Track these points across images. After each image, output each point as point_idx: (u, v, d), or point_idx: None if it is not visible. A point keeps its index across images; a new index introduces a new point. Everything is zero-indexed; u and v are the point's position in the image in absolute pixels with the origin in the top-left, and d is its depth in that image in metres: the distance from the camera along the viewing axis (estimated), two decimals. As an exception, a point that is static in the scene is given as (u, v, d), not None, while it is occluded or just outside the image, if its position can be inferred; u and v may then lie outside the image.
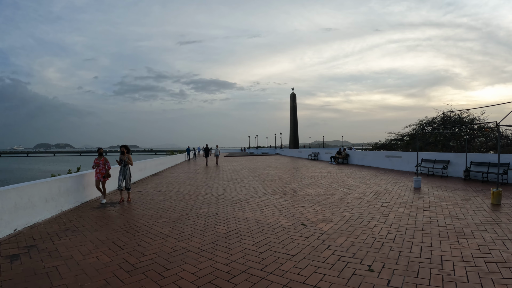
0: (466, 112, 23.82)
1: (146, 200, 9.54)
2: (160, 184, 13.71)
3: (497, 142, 8.63)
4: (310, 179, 13.85)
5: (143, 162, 17.37)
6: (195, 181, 14.50)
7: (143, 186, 13.00)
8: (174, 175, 17.71)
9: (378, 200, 8.76)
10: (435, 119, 26.57)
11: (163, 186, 12.98)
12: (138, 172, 15.87)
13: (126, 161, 9.47)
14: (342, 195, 9.54)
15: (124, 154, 9.51)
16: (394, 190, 10.43)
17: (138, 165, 16.03)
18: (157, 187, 12.71)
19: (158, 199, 9.73)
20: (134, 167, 15.28)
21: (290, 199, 9.09)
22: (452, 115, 25.27)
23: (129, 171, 9.56)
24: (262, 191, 10.67)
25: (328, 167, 21.25)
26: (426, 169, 15.32)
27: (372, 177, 14.45)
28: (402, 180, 13.28)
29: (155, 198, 9.86)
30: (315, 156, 31.79)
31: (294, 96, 59.13)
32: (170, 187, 12.41)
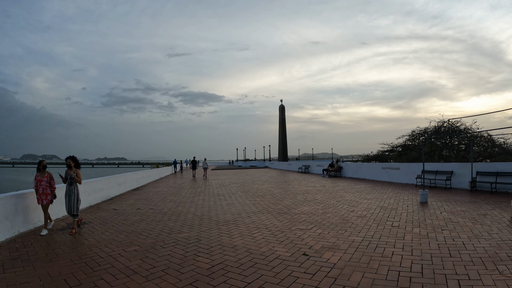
0: (458, 122, 23.55)
1: (119, 221, 8.33)
2: (140, 200, 12.46)
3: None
4: (304, 194, 12.77)
5: (123, 176, 16.09)
6: (178, 197, 13.25)
7: (120, 203, 11.75)
8: (156, 190, 16.42)
9: (386, 218, 7.73)
10: (428, 129, 26.14)
11: (142, 203, 11.73)
12: (117, 187, 14.66)
13: (72, 178, 7.39)
14: (343, 213, 8.47)
15: (71, 169, 7.46)
16: (400, 206, 9.45)
17: (117, 179, 14.85)
18: (136, 204, 11.48)
19: (133, 219, 8.52)
20: (113, 182, 14.02)
21: (285, 219, 7.96)
22: (445, 124, 24.91)
23: (76, 191, 7.41)
24: (252, 209, 9.52)
25: (321, 180, 20.25)
26: (428, 181, 14.47)
27: (371, 191, 13.49)
28: (404, 193, 12.35)
29: (129, 218, 8.65)
30: (306, 169, 30.83)
31: (282, 108, 58.49)
32: (149, 204, 11.17)
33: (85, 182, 11.06)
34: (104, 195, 12.75)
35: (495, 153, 20.78)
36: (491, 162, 16.00)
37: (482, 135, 20.13)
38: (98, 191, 12.15)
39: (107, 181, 13.32)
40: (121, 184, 15.37)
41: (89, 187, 11.30)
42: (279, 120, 58.28)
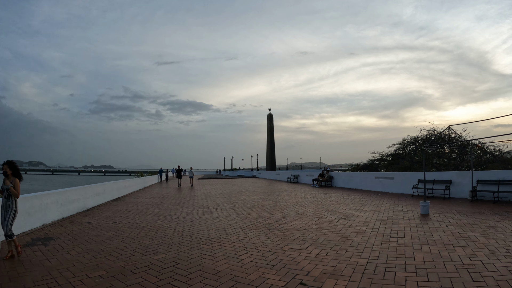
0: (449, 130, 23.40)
1: (90, 237, 7.42)
2: (118, 212, 11.50)
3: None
4: (295, 206, 11.97)
5: (102, 185, 15.02)
6: (159, 209, 12.27)
7: (96, 215, 10.82)
8: (138, 201, 15.38)
9: (389, 234, 6.99)
10: (418, 138, 25.93)
11: (120, 215, 10.77)
12: (95, 197, 13.64)
13: (9, 190, 5.79)
14: (341, 229, 7.69)
15: (8, 177, 5.87)
16: (401, 219, 8.76)
17: (94, 189, 13.77)
18: (112, 216, 10.53)
19: (106, 235, 7.62)
20: (89, 191, 13.00)
21: (276, 236, 7.11)
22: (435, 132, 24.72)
23: (13, 206, 5.79)
24: (239, 224, 8.65)
25: (312, 191, 19.51)
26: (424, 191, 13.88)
27: (365, 202, 12.79)
28: (402, 204, 11.71)
29: (102, 234, 7.75)
30: (295, 178, 30.10)
31: (271, 117, 58.03)
32: (127, 217, 10.24)
33: (58, 192, 10.24)
34: (80, 206, 11.78)
35: (487, 161, 20.55)
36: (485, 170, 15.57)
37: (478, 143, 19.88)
38: (72, 201, 11.21)
39: (83, 191, 12.33)
40: (100, 194, 14.33)
41: (62, 197, 10.38)
42: (267, 129, 57.73)
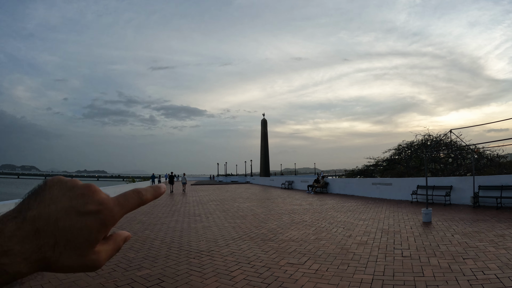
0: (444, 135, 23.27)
1: None
2: None
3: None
4: (290, 215, 11.48)
5: None
6: (149, 217, 11.68)
7: None
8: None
9: (392, 245, 6.54)
10: (414, 143, 25.78)
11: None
12: None
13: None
14: (340, 240, 7.21)
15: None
16: (403, 228, 8.33)
17: None
18: None
19: None
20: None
21: (271, 249, 6.60)
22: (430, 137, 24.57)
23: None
24: (231, 235, 8.13)
25: (307, 197, 19.04)
26: (424, 197, 13.51)
27: (363, 209, 12.36)
28: (402, 212, 11.30)
29: None
30: (290, 184, 29.62)
31: (265, 122, 57.63)
32: (114, 227, 9.61)
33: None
34: None
35: (484, 165, 20.38)
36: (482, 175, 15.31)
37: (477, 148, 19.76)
38: None
39: None
40: None
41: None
42: (261, 134, 57.31)
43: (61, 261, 0.38)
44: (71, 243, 0.38)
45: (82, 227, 0.38)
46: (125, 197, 0.43)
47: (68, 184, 0.41)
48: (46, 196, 0.39)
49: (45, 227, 0.37)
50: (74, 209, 0.39)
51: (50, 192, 0.40)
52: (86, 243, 0.39)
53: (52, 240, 0.37)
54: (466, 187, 12.22)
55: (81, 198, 0.40)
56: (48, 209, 0.38)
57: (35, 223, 0.37)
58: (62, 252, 0.37)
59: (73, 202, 0.39)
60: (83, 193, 0.40)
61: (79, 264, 0.39)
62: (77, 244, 0.38)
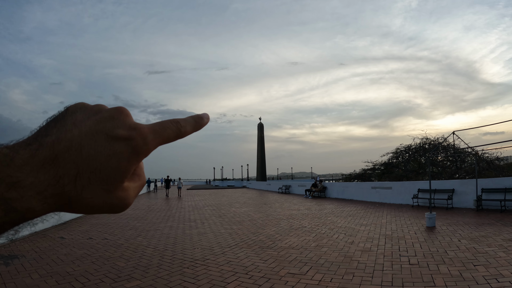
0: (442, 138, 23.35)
1: (60, 256, 6.59)
2: (96, 226, 10.59)
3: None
4: (288, 220, 11.13)
5: None
6: (142, 222, 11.31)
7: (72, 230, 9.92)
8: (120, 213, 14.37)
9: (398, 252, 6.22)
10: (411, 146, 25.64)
11: (98, 229, 9.90)
12: None
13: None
14: (342, 247, 6.87)
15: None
16: (406, 233, 8.03)
17: None
18: (90, 231, 9.65)
19: (78, 254, 6.76)
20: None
21: (270, 257, 6.25)
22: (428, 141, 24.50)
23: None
24: (227, 242, 7.77)
25: (305, 202, 18.71)
26: (426, 201, 13.29)
27: (364, 214, 12.05)
28: (403, 216, 11.01)
29: (73, 252, 6.89)
30: (287, 189, 29.28)
31: (261, 126, 57.35)
32: (106, 232, 9.38)
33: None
34: (54, 219, 10.69)
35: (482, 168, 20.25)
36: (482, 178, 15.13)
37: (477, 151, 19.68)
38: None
39: None
40: None
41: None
42: (258, 139, 57.03)
43: (83, 198, 0.31)
44: (97, 174, 0.31)
45: (110, 155, 0.31)
46: (161, 125, 0.35)
47: (94, 108, 0.34)
48: (68, 121, 0.32)
49: (65, 154, 0.30)
50: (102, 133, 0.32)
51: (72, 116, 0.33)
52: (114, 175, 0.31)
53: (74, 170, 0.30)
54: (469, 190, 11.98)
55: (110, 121, 0.33)
56: (71, 134, 0.31)
57: (53, 149, 0.29)
58: (84, 185, 0.30)
59: (101, 126, 0.32)
60: (112, 116, 0.33)
61: (104, 201, 0.32)
62: (104, 176, 0.31)
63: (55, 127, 0.32)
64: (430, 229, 8.46)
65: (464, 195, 12.17)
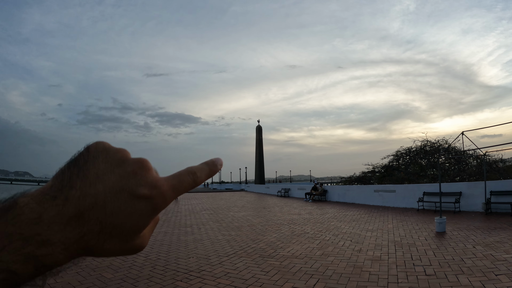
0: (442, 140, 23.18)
1: None
2: None
3: None
4: (289, 225, 10.66)
5: None
6: (131, 234, 10.81)
7: None
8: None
9: (411, 261, 5.77)
10: (412, 149, 25.33)
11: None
12: None
13: None
14: (350, 255, 6.40)
15: None
16: (416, 239, 7.58)
17: None
18: None
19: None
20: None
21: (272, 267, 5.77)
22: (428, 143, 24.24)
23: None
24: (225, 250, 7.28)
25: (305, 206, 18.24)
26: (432, 204, 12.86)
27: (368, 219, 11.60)
28: (410, 221, 10.56)
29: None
30: (286, 192, 28.81)
31: (260, 129, 56.87)
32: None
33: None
34: None
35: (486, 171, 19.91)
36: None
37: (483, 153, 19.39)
38: None
39: None
40: None
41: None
42: (256, 141, 56.53)
43: (103, 249, 0.32)
44: (118, 229, 0.32)
45: (132, 212, 0.32)
46: (179, 179, 0.36)
47: (116, 157, 0.34)
48: (91, 171, 0.32)
49: (90, 211, 0.30)
50: (125, 191, 0.32)
51: (94, 164, 0.32)
52: (134, 230, 0.33)
53: (98, 227, 0.31)
54: (477, 193, 11.57)
55: (133, 178, 0.33)
56: (95, 189, 0.31)
57: (79, 206, 0.30)
58: (106, 239, 0.31)
59: (124, 182, 0.32)
60: (135, 171, 0.33)
61: (122, 249, 0.33)
62: (124, 230, 0.32)
63: (78, 177, 0.31)
64: (441, 234, 8.03)
65: (472, 198, 11.76)
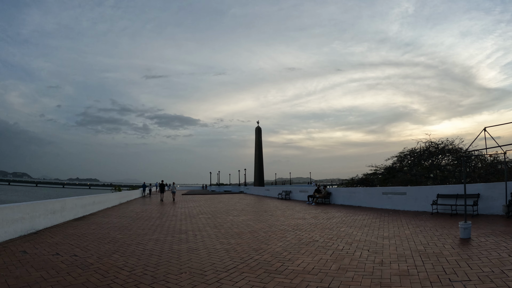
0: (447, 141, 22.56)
1: (9, 279, 5.19)
2: (70, 237, 9.28)
3: None
4: (295, 231, 9.80)
5: (60, 201, 12.69)
6: (125, 233, 9.93)
7: (41, 241, 8.61)
8: (104, 221, 13.11)
9: (444, 275, 4.93)
10: (416, 150, 24.61)
11: (71, 242, 8.56)
12: (49, 216, 11.41)
13: None
14: (372, 269, 5.52)
15: None
16: (442, 247, 6.76)
17: (49, 206, 11.54)
18: (60, 244, 8.28)
19: (33, 277, 5.35)
20: (41, 209, 10.93)
21: (281, 287, 4.88)
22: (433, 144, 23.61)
23: None
24: (224, 262, 6.37)
25: (309, 209, 17.35)
26: (446, 207, 12.04)
27: (380, 224, 10.76)
28: (427, 226, 9.74)
29: (28, 275, 5.47)
30: (287, 195, 27.94)
31: (259, 130, 55.81)
32: (78, 246, 7.99)
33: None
34: (25, 227, 9.64)
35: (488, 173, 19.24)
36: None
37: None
38: (15, 221, 9.15)
39: (30, 208, 10.12)
40: (56, 212, 12.05)
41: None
42: (256, 143, 55.48)
43: None
44: None
45: None
46: None
47: None
48: None
49: None
50: None
51: None
52: None
53: None
54: (496, 194, 10.76)
55: None
56: None
57: None
58: None
59: None
60: None
61: None
62: None
63: None
64: (466, 241, 7.21)
65: (491, 200, 10.94)
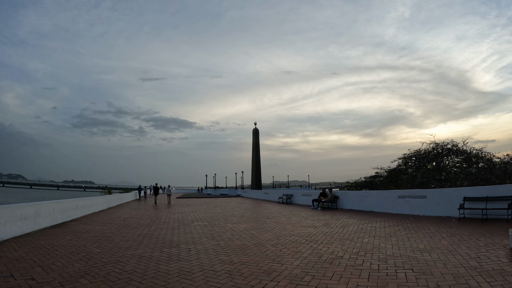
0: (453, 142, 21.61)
1: None
2: (36, 251, 7.85)
3: None
4: (310, 244, 8.44)
5: (33, 205, 11.23)
6: (104, 247, 8.41)
7: (1, 256, 7.35)
8: (84, 229, 11.68)
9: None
10: (421, 151, 23.63)
11: (34, 258, 6.98)
12: (18, 223, 9.97)
13: None
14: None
15: None
16: (497, 262, 5.46)
17: (17, 211, 10.07)
18: (22, 260, 6.89)
19: None
20: (7, 214, 9.54)
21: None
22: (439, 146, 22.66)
23: None
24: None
25: (316, 215, 15.99)
26: (476, 212, 10.80)
27: (406, 232, 9.47)
28: (463, 234, 8.47)
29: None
30: (288, 198, 26.54)
31: (256, 132, 54.39)
32: (40, 265, 6.44)
33: None
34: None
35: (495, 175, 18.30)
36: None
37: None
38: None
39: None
40: (28, 219, 10.58)
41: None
42: (253, 145, 54.05)
43: None
44: None
45: None
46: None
47: None
48: None
49: None
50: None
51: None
52: None
53: None
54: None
55: None
56: None
57: None
58: None
59: None
60: None
61: None
62: None
63: None
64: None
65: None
